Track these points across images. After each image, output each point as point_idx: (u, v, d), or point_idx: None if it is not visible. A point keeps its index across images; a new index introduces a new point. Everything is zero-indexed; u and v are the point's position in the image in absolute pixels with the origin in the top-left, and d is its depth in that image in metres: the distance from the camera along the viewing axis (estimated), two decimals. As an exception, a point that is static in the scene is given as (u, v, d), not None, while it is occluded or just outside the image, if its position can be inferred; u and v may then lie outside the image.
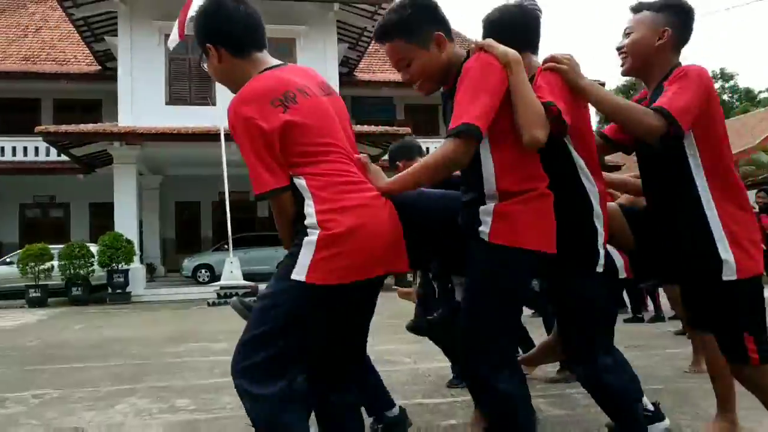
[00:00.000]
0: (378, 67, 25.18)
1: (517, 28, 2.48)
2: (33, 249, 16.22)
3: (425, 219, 2.40)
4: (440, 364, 5.63)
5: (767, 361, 2.38)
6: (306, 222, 2.06)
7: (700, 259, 2.39)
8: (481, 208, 2.24)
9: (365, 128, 17.94)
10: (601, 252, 2.39)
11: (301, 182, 2.08)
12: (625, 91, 40.08)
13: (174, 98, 17.79)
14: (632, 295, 8.29)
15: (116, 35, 18.00)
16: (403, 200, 2.23)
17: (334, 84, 18.57)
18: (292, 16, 18.33)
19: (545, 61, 2.40)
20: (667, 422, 2.98)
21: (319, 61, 18.45)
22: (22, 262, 16.04)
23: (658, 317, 8.26)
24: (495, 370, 2.17)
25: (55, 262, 16.10)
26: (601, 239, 2.39)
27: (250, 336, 2.07)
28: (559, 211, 2.27)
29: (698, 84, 2.32)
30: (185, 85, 17.93)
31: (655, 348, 6.17)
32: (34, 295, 15.70)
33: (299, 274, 2.01)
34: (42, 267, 15.99)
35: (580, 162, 2.38)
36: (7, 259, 18.20)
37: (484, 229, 2.22)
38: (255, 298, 2.25)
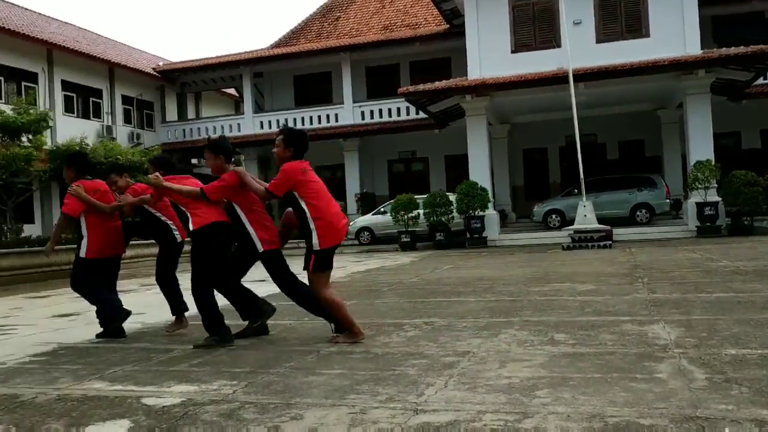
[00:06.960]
0: (745, -23, 21.80)
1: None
2: (402, 199, 18.18)
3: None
4: None
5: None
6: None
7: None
8: None
9: (732, 50, 15.73)
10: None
11: None
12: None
13: (519, 45, 17.90)
14: None
15: (462, -9, 18.76)
16: None
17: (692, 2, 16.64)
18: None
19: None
20: None
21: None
22: (394, 211, 18.20)
23: None
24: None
25: (420, 211, 17.82)
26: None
27: None
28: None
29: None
30: (529, 29, 17.87)
31: None
32: (404, 239, 17.70)
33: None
34: (410, 215, 17.90)
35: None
36: (382, 209, 21.01)
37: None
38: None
